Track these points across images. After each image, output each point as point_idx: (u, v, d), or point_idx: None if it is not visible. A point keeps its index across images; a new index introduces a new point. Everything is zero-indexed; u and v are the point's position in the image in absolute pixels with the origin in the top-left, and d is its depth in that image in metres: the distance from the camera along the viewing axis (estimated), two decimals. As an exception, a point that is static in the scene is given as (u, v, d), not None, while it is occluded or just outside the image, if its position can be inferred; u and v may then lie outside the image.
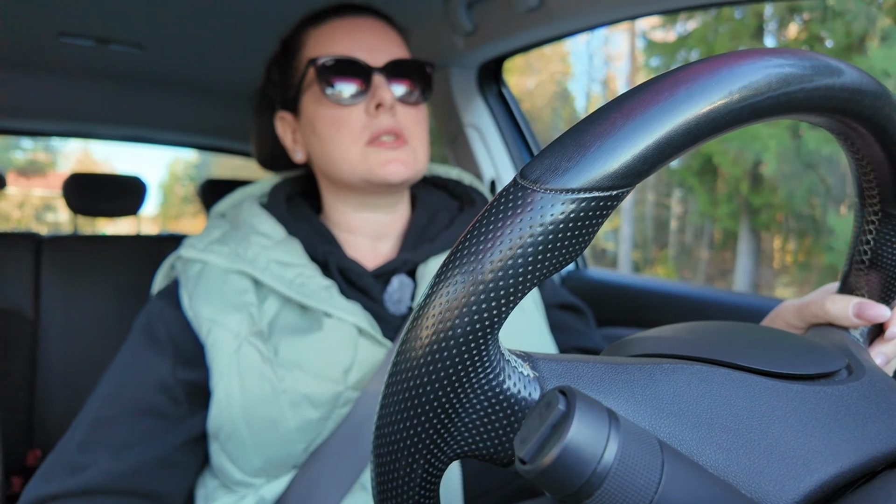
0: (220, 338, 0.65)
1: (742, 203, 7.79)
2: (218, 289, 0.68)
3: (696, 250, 10.26)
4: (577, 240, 0.25)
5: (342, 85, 0.72)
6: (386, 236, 0.79)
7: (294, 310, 0.68)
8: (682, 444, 0.27)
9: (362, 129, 0.72)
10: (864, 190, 0.36)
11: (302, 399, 0.63)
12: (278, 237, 0.73)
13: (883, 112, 0.30)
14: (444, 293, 0.25)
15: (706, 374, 0.29)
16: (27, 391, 1.42)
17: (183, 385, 0.66)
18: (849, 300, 0.40)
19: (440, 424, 0.26)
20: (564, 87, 12.55)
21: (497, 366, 0.26)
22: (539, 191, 0.24)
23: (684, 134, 0.25)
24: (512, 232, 0.24)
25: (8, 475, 1.37)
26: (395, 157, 0.72)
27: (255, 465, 0.64)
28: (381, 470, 0.27)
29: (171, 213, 22.38)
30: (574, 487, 0.22)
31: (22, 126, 1.88)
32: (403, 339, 0.26)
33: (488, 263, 0.24)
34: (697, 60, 0.27)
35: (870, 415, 0.29)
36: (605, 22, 0.99)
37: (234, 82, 1.54)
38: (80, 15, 1.12)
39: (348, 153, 0.72)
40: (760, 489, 0.26)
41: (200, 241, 0.73)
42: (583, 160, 0.24)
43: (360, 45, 0.73)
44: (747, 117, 0.26)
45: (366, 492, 0.63)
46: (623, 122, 0.25)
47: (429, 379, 0.25)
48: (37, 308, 1.45)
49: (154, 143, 2.15)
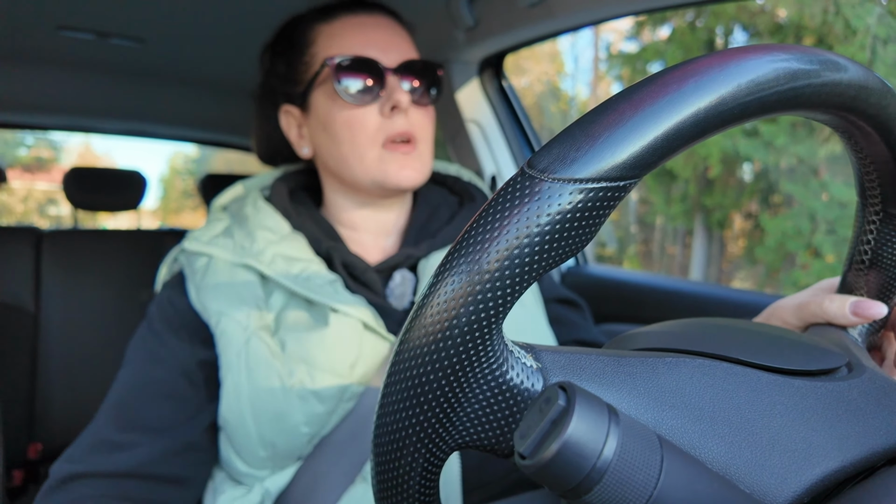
0: (229, 329, 0.65)
1: (694, 203, 8.08)
2: (225, 283, 0.68)
3: (668, 247, 10.55)
4: (583, 230, 0.25)
5: (358, 85, 0.71)
6: (388, 233, 0.80)
7: (300, 304, 0.68)
8: (685, 436, 0.27)
9: (377, 131, 0.71)
10: (866, 189, 0.36)
11: (309, 393, 0.63)
12: (283, 232, 0.73)
13: (888, 110, 0.31)
14: (449, 281, 0.24)
15: (708, 368, 0.29)
16: (28, 384, 1.42)
17: (201, 367, 0.67)
18: (846, 299, 0.40)
19: (442, 414, 0.26)
20: (553, 86, 12.64)
21: (500, 356, 0.26)
22: (547, 180, 0.24)
23: (692, 126, 0.25)
24: (519, 221, 0.24)
25: (9, 468, 1.37)
26: (409, 162, 0.72)
27: (259, 456, 0.64)
28: (381, 460, 0.27)
29: (171, 207, 22.37)
30: (573, 482, 0.22)
31: (21, 120, 1.88)
32: (407, 327, 0.26)
33: (494, 252, 0.24)
34: (707, 54, 0.28)
35: (870, 411, 0.29)
36: (606, 17, 0.99)
37: (234, 77, 1.54)
38: (80, 8, 1.12)
39: (364, 156, 0.72)
40: (763, 482, 0.26)
41: (204, 235, 0.73)
42: (592, 150, 0.24)
43: (373, 45, 0.72)
44: (755, 111, 0.26)
45: (368, 484, 0.64)
46: (632, 112, 0.25)
47: (432, 368, 0.25)
48: (37, 302, 1.45)
49: (154, 137, 2.15)
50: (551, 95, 12.49)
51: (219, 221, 0.75)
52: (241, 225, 0.74)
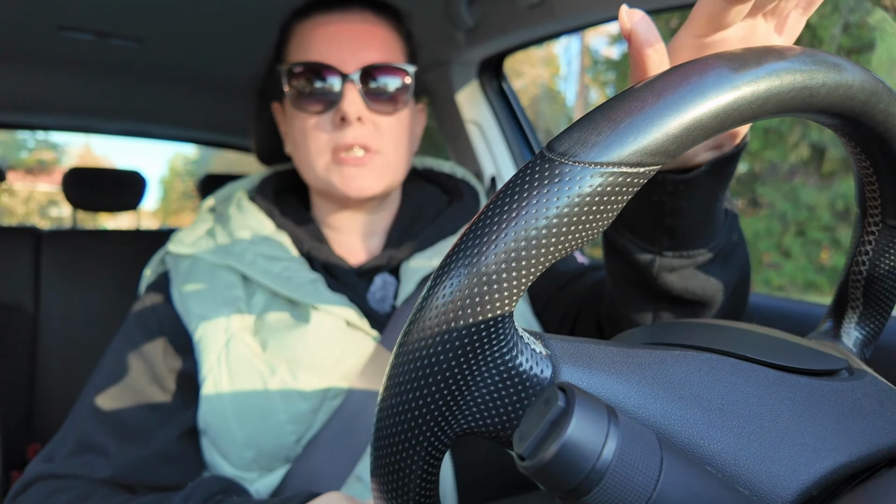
0: (208, 333, 0.65)
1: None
2: (207, 284, 0.68)
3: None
4: (600, 215, 0.25)
5: (310, 93, 0.69)
6: (373, 234, 0.78)
7: (282, 303, 0.68)
8: (694, 426, 0.27)
9: (327, 143, 0.69)
10: (867, 200, 0.37)
11: (291, 391, 0.63)
12: (266, 231, 0.72)
13: (895, 119, 0.31)
14: (464, 262, 0.24)
15: (716, 363, 0.29)
16: (27, 385, 1.42)
17: (173, 375, 0.67)
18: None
19: (450, 396, 0.26)
20: (548, 89, 12.75)
21: (511, 340, 0.26)
22: (567, 163, 0.24)
23: (712, 117, 0.26)
24: (538, 202, 0.24)
25: (7, 469, 1.37)
26: (361, 173, 0.69)
27: (246, 457, 0.64)
28: (383, 443, 0.27)
29: (171, 207, 22.41)
30: (572, 484, 0.22)
31: (21, 120, 1.88)
32: (419, 306, 0.25)
33: (512, 233, 0.24)
34: (730, 51, 0.28)
35: (874, 411, 0.29)
36: (606, 18, 0.99)
37: (233, 77, 1.54)
38: (80, 9, 1.12)
39: (314, 164, 0.70)
40: (773, 473, 0.26)
41: (188, 236, 0.73)
42: (613, 134, 0.24)
43: (335, 48, 0.69)
44: (772, 109, 0.27)
45: (361, 483, 0.64)
46: (654, 100, 0.25)
47: (442, 349, 0.25)
48: (36, 302, 1.45)
49: (153, 137, 2.15)
50: (547, 97, 12.55)
51: (203, 223, 0.75)
52: (224, 225, 0.73)
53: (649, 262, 0.50)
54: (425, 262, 0.73)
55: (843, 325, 0.41)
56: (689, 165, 0.45)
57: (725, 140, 0.44)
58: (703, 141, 0.27)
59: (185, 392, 0.67)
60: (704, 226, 0.47)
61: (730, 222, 0.50)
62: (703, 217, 0.46)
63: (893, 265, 0.38)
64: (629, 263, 0.52)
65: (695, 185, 0.44)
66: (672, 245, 0.48)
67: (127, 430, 0.63)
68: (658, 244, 0.49)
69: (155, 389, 0.66)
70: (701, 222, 0.47)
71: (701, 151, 0.45)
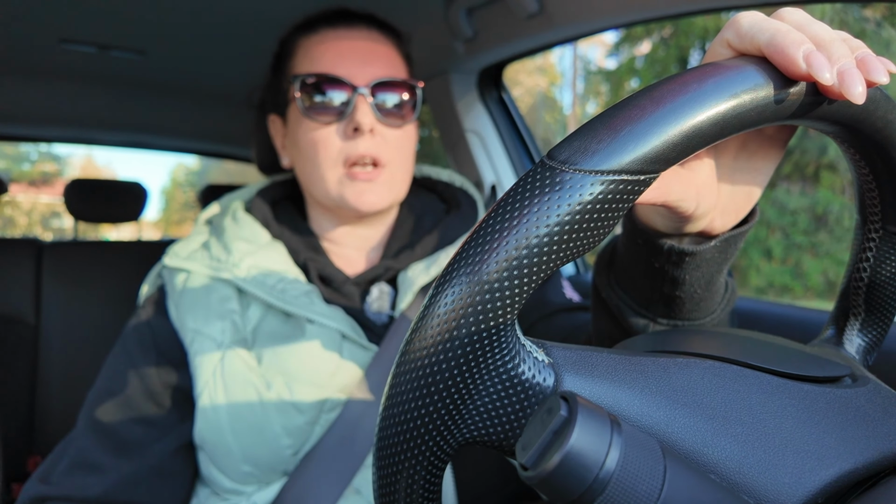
0: (203, 347, 0.65)
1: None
2: (202, 298, 0.68)
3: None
4: (601, 223, 0.25)
5: (322, 104, 0.70)
6: (372, 245, 0.78)
7: (277, 316, 0.68)
8: (698, 434, 0.27)
9: (339, 153, 0.70)
10: (867, 207, 0.37)
11: (287, 405, 0.63)
12: (261, 241, 0.72)
13: (894, 125, 0.31)
14: (465, 271, 0.24)
15: (719, 370, 0.29)
16: (28, 397, 1.41)
17: (169, 390, 0.66)
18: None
19: (452, 405, 0.26)
20: (544, 97, 12.84)
21: (513, 348, 0.26)
22: (568, 171, 0.24)
23: (711, 125, 0.26)
24: (539, 210, 0.24)
25: (8, 482, 1.36)
26: (371, 188, 0.70)
27: (243, 471, 0.63)
28: (385, 453, 0.27)
29: (173, 218, 22.45)
30: (576, 494, 0.22)
31: (23, 132, 1.89)
32: (420, 315, 0.25)
33: (514, 241, 0.24)
34: (730, 58, 0.28)
35: (878, 418, 0.29)
36: (605, 27, 0.99)
37: (234, 88, 1.54)
38: (82, 21, 1.13)
39: (325, 177, 0.71)
40: (778, 480, 0.26)
41: (183, 249, 0.72)
42: (613, 142, 0.25)
43: (346, 62, 0.70)
44: (771, 116, 0.27)
45: (359, 496, 0.63)
46: (653, 108, 0.25)
47: (444, 357, 0.25)
48: (38, 314, 1.44)
49: (154, 148, 2.16)
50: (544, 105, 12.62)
51: (199, 235, 0.75)
52: (218, 237, 0.73)
53: (642, 326, 0.47)
54: (422, 272, 0.73)
55: (846, 332, 0.40)
56: (705, 234, 0.42)
57: (733, 213, 0.41)
58: (702, 148, 0.26)
59: (180, 407, 0.66)
60: (703, 300, 0.45)
61: (728, 297, 0.48)
62: (704, 291, 0.44)
63: (895, 272, 0.38)
64: (619, 325, 0.49)
65: (699, 258, 0.42)
66: (667, 313, 0.46)
67: (122, 445, 0.63)
68: (653, 311, 0.46)
69: (150, 405, 0.66)
70: (700, 296, 0.45)
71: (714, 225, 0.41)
